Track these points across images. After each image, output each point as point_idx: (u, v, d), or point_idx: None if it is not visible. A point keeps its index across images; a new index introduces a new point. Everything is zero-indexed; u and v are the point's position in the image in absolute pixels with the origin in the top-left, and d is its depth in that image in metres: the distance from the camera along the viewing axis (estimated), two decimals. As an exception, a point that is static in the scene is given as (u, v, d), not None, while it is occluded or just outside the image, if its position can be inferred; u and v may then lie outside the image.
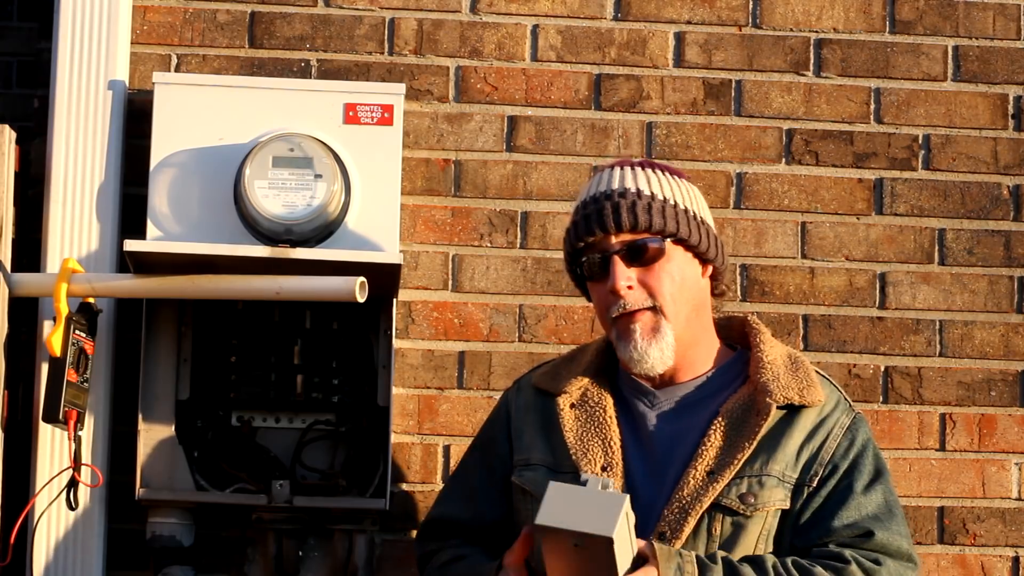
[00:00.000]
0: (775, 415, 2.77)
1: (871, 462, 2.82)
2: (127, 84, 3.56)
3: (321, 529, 3.43)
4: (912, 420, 3.66)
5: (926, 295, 3.69)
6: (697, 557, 2.65)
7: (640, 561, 2.62)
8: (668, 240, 2.78)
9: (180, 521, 3.42)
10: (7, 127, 3.38)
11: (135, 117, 3.53)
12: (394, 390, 3.50)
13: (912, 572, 2.77)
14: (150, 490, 3.39)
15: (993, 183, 3.73)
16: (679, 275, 2.79)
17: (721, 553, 2.69)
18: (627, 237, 2.77)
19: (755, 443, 2.74)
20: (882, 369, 3.66)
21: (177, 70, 3.60)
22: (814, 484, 2.77)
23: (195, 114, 3.37)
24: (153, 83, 3.40)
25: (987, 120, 3.74)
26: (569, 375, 2.89)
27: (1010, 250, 3.71)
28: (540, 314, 3.61)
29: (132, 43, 3.59)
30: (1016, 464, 3.67)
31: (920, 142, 3.73)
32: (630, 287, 2.76)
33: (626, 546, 2.57)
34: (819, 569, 2.69)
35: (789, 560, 2.70)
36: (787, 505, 2.76)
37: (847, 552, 2.72)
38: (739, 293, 3.66)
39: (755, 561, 2.69)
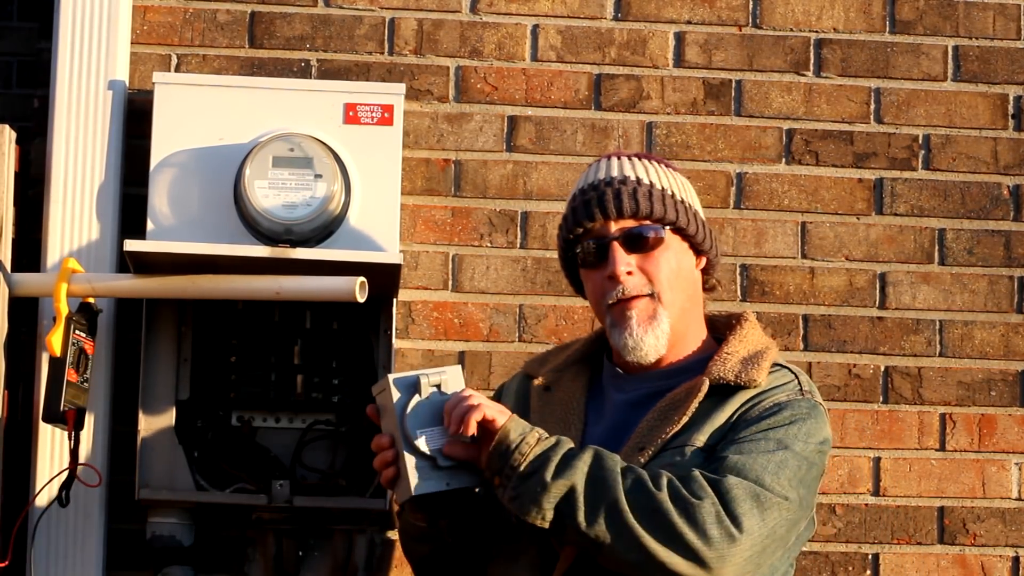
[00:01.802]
0: (708, 392, 2.70)
1: (784, 434, 2.66)
2: (127, 84, 3.56)
3: (321, 529, 3.43)
4: (912, 420, 3.66)
5: (926, 295, 3.69)
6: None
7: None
8: (667, 228, 2.79)
9: (180, 521, 3.42)
10: (7, 127, 3.38)
11: (135, 117, 3.53)
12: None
13: (772, 500, 2.58)
14: (150, 490, 3.39)
15: (993, 183, 3.73)
16: (676, 263, 2.80)
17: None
18: (627, 223, 2.78)
19: (684, 418, 2.69)
20: (882, 369, 3.66)
21: (177, 70, 3.60)
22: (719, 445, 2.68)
23: (195, 114, 3.37)
24: (153, 83, 3.40)
25: (987, 120, 3.74)
26: (553, 361, 2.91)
27: (1010, 250, 3.71)
28: (540, 314, 3.61)
29: (132, 43, 3.59)
30: (1016, 464, 3.67)
31: (920, 142, 3.73)
32: (629, 272, 2.76)
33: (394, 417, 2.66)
34: (665, 472, 2.58)
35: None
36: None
37: (695, 471, 2.60)
38: (739, 293, 3.66)
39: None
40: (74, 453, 3.25)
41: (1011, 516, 3.65)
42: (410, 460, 2.61)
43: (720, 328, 2.91)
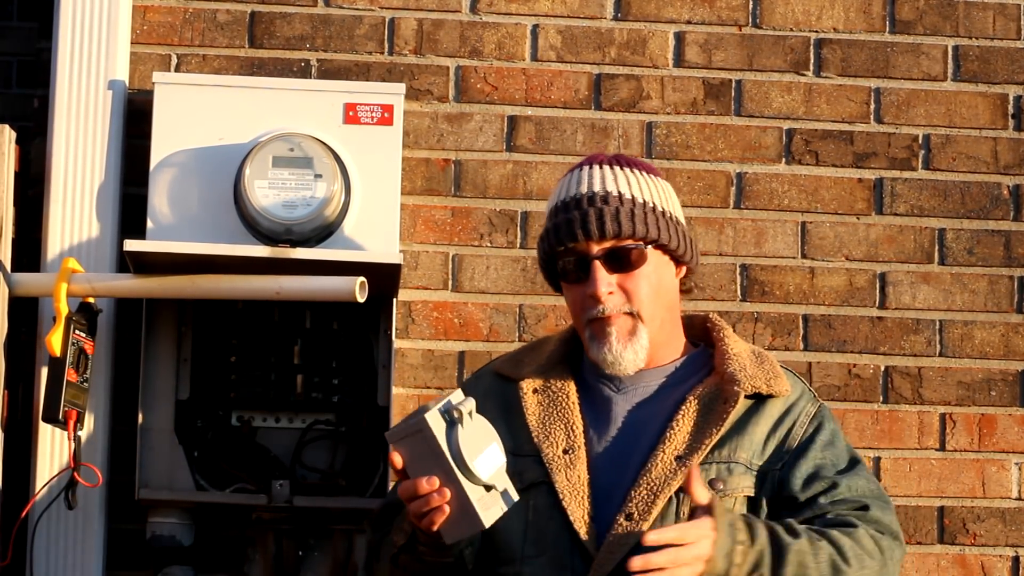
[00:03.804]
0: (743, 404, 2.77)
1: (845, 451, 2.82)
2: (127, 84, 3.56)
3: (321, 529, 3.43)
4: (912, 420, 3.66)
5: (926, 295, 3.69)
6: (745, 519, 2.66)
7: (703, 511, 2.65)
8: (649, 246, 2.79)
9: (180, 521, 3.42)
10: (7, 127, 3.38)
11: (135, 117, 3.53)
12: (394, 390, 3.50)
13: (901, 552, 2.76)
14: (150, 490, 3.39)
15: (993, 183, 3.73)
16: (656, 279, 2.80)
17: (760, 522, 2.69)
18: (609, 244, 2.77)
19: (722, 430, 2.74)
20: (882, 369, 3.66)
21: (177, 70, 3.60)
22: (779, 467, 2.76)
23: (195, 114, 3.37)
24: (153, 83, 3.40)
25: (987, 120, 3.74)
26: (532, 362, 2.90)
27: (1010, 250, 3.71)
28: (540, 314, 3.61)
29: (132, 43, 3.59)
30: (1016, 464, 3.67)
31: (920, 142, 3.73)
32: (610, 292, 2.77)
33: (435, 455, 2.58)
34: (834, 532, 2.69)
35: (805, 525, 2.71)
36: (753, 492, 2.75)
37: (853, 518, 2.72)
38: (739, 293, 3.66)
39: (788, 527, 2.68)
40: (74, 453, 3.25)
41: (1011, 516, 3.65)
42: (474, 492, 2.57)
43: (687, 331, 2.91)
